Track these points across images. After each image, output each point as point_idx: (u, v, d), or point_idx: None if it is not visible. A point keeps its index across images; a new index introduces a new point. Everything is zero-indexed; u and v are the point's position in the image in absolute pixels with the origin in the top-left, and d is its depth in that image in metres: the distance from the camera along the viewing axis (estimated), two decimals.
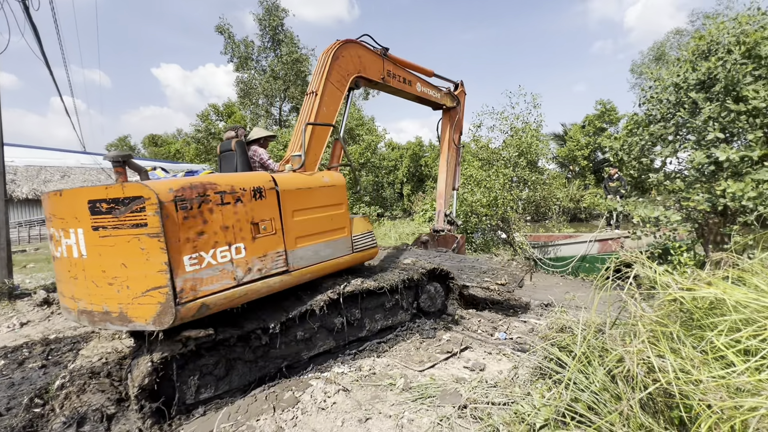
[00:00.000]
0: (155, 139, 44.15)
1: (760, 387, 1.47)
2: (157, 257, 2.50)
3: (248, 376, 3.15)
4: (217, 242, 2.80)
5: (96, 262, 2.62)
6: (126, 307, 2.58)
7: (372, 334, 4.01)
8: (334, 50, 4.32)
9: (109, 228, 2.54)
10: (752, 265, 2.20)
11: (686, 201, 5.45)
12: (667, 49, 26.65)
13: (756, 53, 5.29)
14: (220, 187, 2.86)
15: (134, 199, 2.48)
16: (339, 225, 3.83)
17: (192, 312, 2.63)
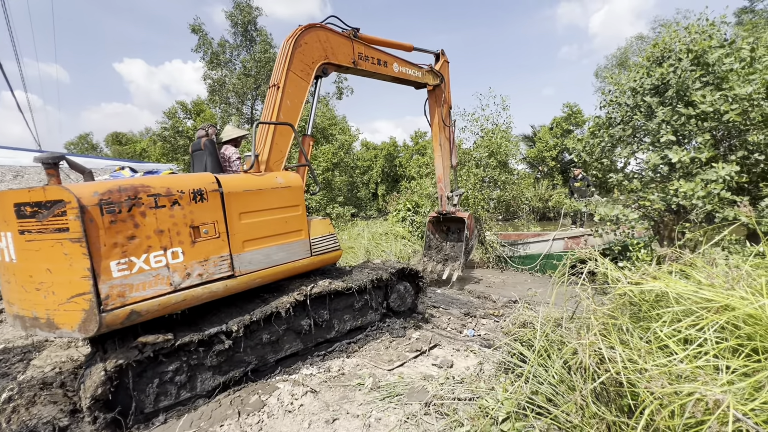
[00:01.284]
0: (119, 137, 42.24)
1: (696, 373, 1.58)
2: (80, 263, 2.44)
3: (212, 382, 3.06)
4: (151, 246, 2.72)
5: (24, 267, 2.58)
6: (53, 313, 2.53)
7: (341, 335, 3.98)
8: (296, 37, 4.04)
9: (34, 232, 2.49)
10: (694, 260, 2.35)
11: (643, 200, 5.75)
12: (630, 55, 27.98)
13: (704, 61, 5.65)
14: (153, 189, 2.78)
15: (56, 202, 2.42)
16: (295, 227, 3.71)
17: (120, 319, 2.56)
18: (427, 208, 11.53)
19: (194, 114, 21.55)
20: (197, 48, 24.11)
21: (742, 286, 1.87)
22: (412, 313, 4.74)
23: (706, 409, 1.45)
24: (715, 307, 1.72)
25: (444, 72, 6.61)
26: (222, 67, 24.73)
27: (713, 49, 5.64)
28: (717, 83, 5.47)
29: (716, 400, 1.40)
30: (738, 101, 5.05)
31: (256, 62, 24.13)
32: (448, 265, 7.06)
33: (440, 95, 6.61)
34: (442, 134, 6.78)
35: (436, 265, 7.18)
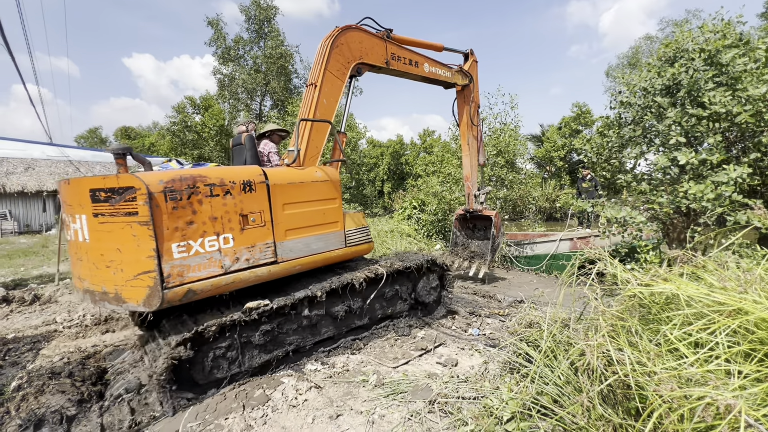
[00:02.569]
0: (128, 131, 42.61)
1: (707, 377, 1.55)
2: (147, 244, 2.68)
3: (258, 360, 3.27)
4: (206, 232, 2.95)
5: (96, 246, 2.84)
6: (120, 288, 2.78)
7: (372, 322, 4.16)
8: (333, 38, 4.20)
9: (107, 215, 2.75)
10: (706, 262, 2.31)
11: (651, 203, 5.67)
12: (640, 55, 27.63)
13: (717, 61, 5.55)
14: (210, 179, 3.01)
15: (127, 189, 2.68)
16: (332, 219, 3.90)
17: (179, 296, 2.79)
18: (434, 206, 11.49)
19: (203, 109, 21.66)
20: (211, 41, 24.24)
21: (755, 290, 1.84)
22: (437, 306, 4.75)
23: (716, 414, 1.43)
24: (728, 311, 1.69)
25: (473, 72, 6.64)
26: (233, 62, 24.85)
27: (727, 48, 5.53)
28: (730, 84, 5.37)
29: (728, 405, 1.37)
30: (752, 102, 4.96)
31: (267, 58, 24.19)
32: (474, 262, 7.11)
33: (469, 95, 6.65)
34: (470, 133, 6.84)
35: (463, 261, 7.22)
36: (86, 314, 4.98)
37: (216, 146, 20.10)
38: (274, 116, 21.14)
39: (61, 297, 5.99)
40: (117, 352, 3.84)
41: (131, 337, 4.20)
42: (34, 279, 7.33)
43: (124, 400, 2.93)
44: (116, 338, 4.23)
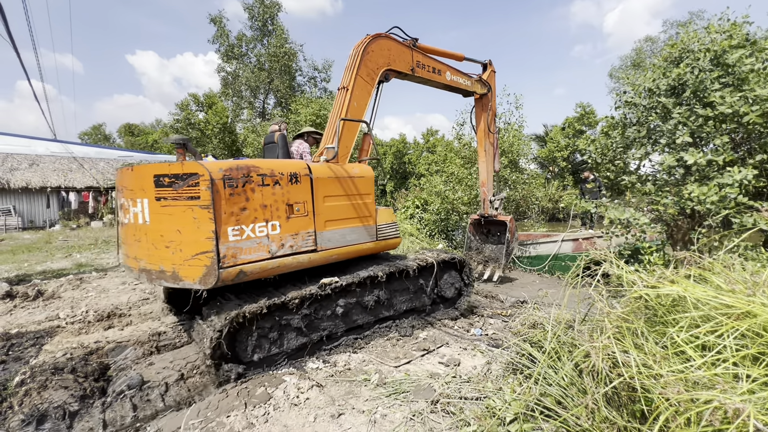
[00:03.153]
0: (132, 128, 42.75)
1: (714, 381, 1.53)
2: (207, 226, 2.91)
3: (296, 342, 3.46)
4: (257, 218, 3.18)
5: (156, 228, 3.05)
6: (178, 267, 2.99)
7: (398, 314, 4.32)
8: (365, 45, 4.46)
9: (169, 199, 2.97)
10: (713, 264, 2.29)
11: (655, 204, 5.64)
12: (642, 56, 27.47)
13: (723, 61, 5.50)
14: (261, 170, 3.25)
15: (191, 175, 2.91)
16: (365, 213, 4.15)
17: (232, 276, 3.01)
18: (437, 206, 11.46)
19: (206, 106, 21.68)
20: (214, 39, 24.25)
21: (763, 293, 1.81)
22: (456, 303, 4.88)
23: (724, 418, 1.41)
24: (736, 314, 1.67)
25: (491, 81, 6.85)
26: (236, 60, 24.85)
27: (733, 49, 5.48)
28: (736, 84, 5.33)
29: (736, 409, 1.36)
30: (759, 102, 4.91)
31: (271, 56, 24.18)
32: (489, 265, 7.23)
33: (487, 103, 6.86)
34: (487, 141, 7.02)
35: (477, 265, 7.34)
36: (89, 310, 5.00)
37: (219, 144, 20.12)
38: (277, 114, 21.15)
39: (64, 293, 6.01)
40: (119, 348, 3.84)
41: (134, 334, 4.20)
42: (37, 274, 7.36)
43: (126, 396, 2.93)
44: (119, 335, 4.23)
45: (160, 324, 4.51)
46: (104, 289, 6.15)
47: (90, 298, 5.67)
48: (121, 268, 7.85)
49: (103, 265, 8.27)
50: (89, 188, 20.20)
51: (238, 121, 24.96)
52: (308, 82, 27.12)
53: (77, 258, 9.25)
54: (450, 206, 11.45)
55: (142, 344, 3.89)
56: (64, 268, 8.03)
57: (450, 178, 12.21)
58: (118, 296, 5.76)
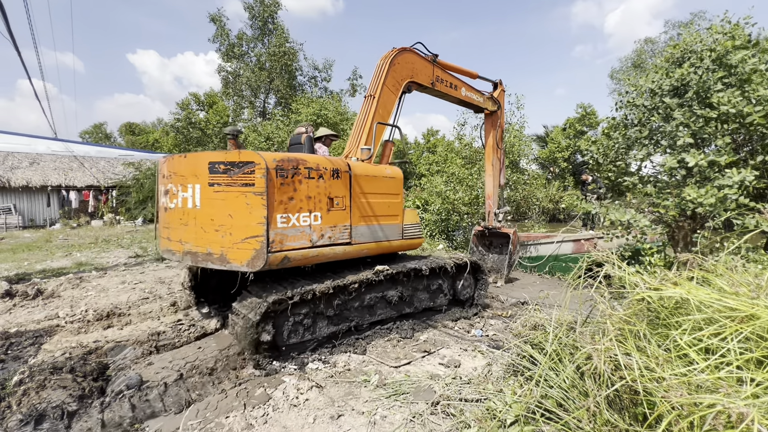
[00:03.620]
0: (132, 127, 42.77)
1: (718, 384, 1.52)
2: (259, 212, 3.07)
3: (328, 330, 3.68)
4: (302, 208, 3.36)
5: (207, 212, 3.22)
6: (227, 250, 3.15)
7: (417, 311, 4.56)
8: (392, 57, 4.75)
9: (223, 185, 3.13)
10: (716, 266, 2.27)
11: (656, 206, 5.61)
12: (643, 57, 27.43)
13: (726, 62, 5.48)
14: (309, 164, 3.45)
15: (247, 163, 3.08)
16: (394, 212, 4.38)
17: (278, 261, 3.17)
18: (437, 206, 11.45)
19: (207, 106, 21.68)
20: (214, 38, 24.24)
21: (767, 295, 1.80)
22: (470, 304, 5.10)
23: (727, 422, 1.39)
24: (740, 317, 1.66)
25: (501, 99, 7.22)
26: (237, 59, 24.84)
27: (736, 50, 5.46)
28: (739, 85, 5.30)
29: (740, 413, 1.34)
30: (762, 103, 4.89)
31: (271, 56, 24.16)
32: (491, 275, 7.45)
33: (496, 120, 7.18)
34: (495, 155, 7.32)
35: None
36: (88, 309, 4.99)
37: (220, 143, 20.11)
38: (278, 114, 21.12)
39: (63, 292, 6.00)
40: (119, 348, 3.83)
41: (133, 334, 4.19)
42: (37, 273, 7.35)
43: (125, 396, 2.92)
44: (118, 334, 4.22)
45: (160, 324, 4.50)
46: (104, 289, 6.14)
47: (89, 298, 5.66)
48: (130, 262, 7.85)
49: (103, 264, 8.26)
50: (90, 187, 20.19)
51: (238, 120, 24.96)
52: (309, 82, 27.11)
53: (77, 257, 9.25)
54: (451, 206, 11.43)
55: (142, 344, 3.88)
56: (64, 267, 8.02)
57: (451, 178, 12.19)
58: (117, 295, 5.75)
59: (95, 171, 21.07)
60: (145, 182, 19.42)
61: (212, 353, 3.68)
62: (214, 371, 3.40)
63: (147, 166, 20.49)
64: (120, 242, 11.95)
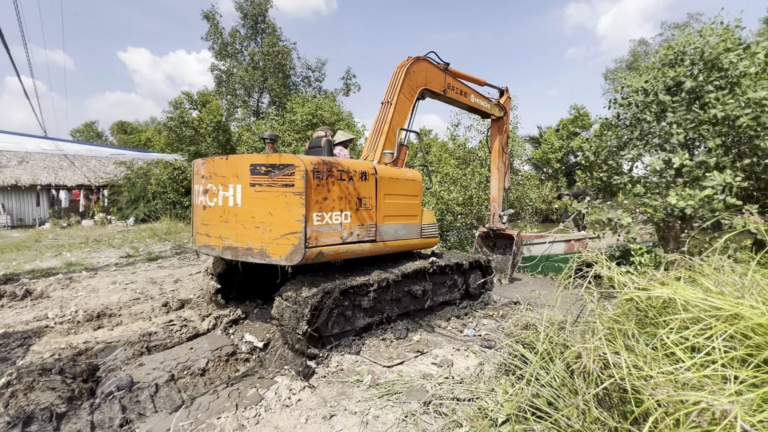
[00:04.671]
0: (124, 126, 42.33)
1: (703, 382, 1.54)
2: (298, 210, 3.31)
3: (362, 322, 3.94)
4: (334, 207, 3.59)
5: (248, 210, 3.48)
6: (267, 245, 3.40)
7: (436, 304, 4.87)
8: (407, 66, 4.97)
9: (264, 185, 3.39)
10: (703, 266, 2.30)
11: (645, 206, 5.68)
12: (637, 59, 27.71)
13: (718, 64, 5.56)
14: (341, 167, 3.68)
15: (287, 166, 3.33)
16: (414, 212, 4.64)
17: (313, 255, 3.40)
18: (431, 206, 11.48)
19: (200, 105, 21.50)
20: (208, 36, 24.05)
21: (751, 295, 1.83)
22: (479, 298, 5.46)
23: (712, 419, 1.42)
24: (725, 316, 1.69)
25: (507, 106, 7.41)
26: (230, 58, 24.66)
27: (727, 52, 5.54)
28: (730, 87, 5.38)
29: (723, 411, 1.36)
30: (751, 106, 4.96)
31: (264, 55, 24.04)
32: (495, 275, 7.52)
33: (502, 126, 7.39)
34: (500, 160, 7.52)
35: None
36: (78, 310, 4.93)
37: (213, 142, 19.96)
38: (272, 113, 21.01)
39: (53, 292, 5.92)
40: (109, 348, 3.79)
41: (124, 334, 4.15)
42: (26, 273, 7.25)
43: (115, 397, 2.90)
44: (109, 335, 4.18)
45: (151, 324, 4.46)
46: (94, 289, 6.07)
47: (80, 298, 5.60)
48: (121, 262, 7.77)
49: (93, 265, 8.17)
50: (80, 186, 19.96)
51: (232, 119, 24.78)
52: (302, 82, 27.00)
53: (67, 257, 9.14)
54: (445, 207, 11.46)
55: (133, 345, 3.85)
56: (54, 267, 7.92)
57: (444, 178, 12.22)
58: (108, 296, 5.69)
59: (86, 170, 20.83)
60: (137, 181, 19.23)
61: (204, 353, 3.66)
62: (206, 372, 3.39)
63: (139, 165, 20.29)
64: (111, 242, 11.83)
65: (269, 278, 4.67)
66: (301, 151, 15.57)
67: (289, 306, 3.39)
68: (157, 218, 17.76)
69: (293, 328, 3.28)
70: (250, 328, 4.36)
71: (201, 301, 5.02)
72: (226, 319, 4.48)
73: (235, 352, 3.75)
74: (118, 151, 26.11)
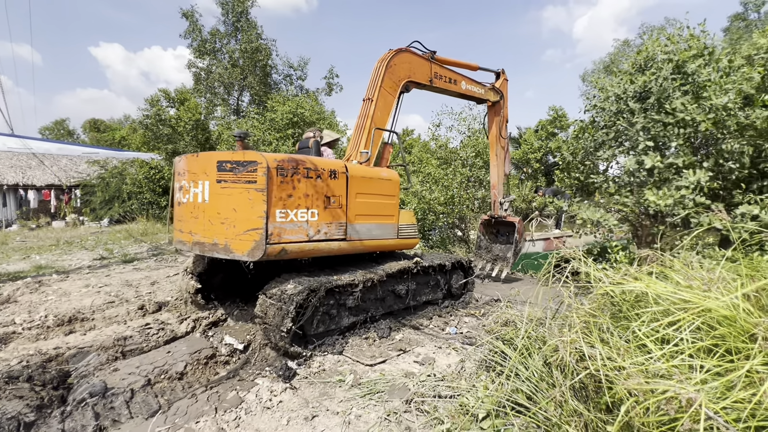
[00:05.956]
0: (97, 123, 40.87)
1: (672, 372, 1.61)
2: (260, 206, 3.33)
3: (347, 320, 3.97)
4: (300, 205, 3.59)
5: (214, 206, 3.52)
6: (230, 241, 3.43)
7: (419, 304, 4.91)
8: (388, 59, 4.80)
9: (229, 182, 3.42)
10: (673, 262, 2.40)
11: (620, 204, 5.88)
12: (617, 60, 28.56)
13: (684, 70, 5.79)
14: (307, 164, 3.68)
15: (251, 162, 3.36)
16: (389, 212, 4.60)
17: (276, 252, 3.40)
18: (413, 206, 11.53)
19: (178, 103, 20.96)
20: (186, 33, 23.45)
21: (717, 288, 1.92)
22: (461, 296, 5.49)
23: (679, 407, 1.48)
24: (692, 308, 1.76)
25: (503, 89, 7.14)
26: (209, 55, 24.14)
27: (693, 59, 5.78)
28: (695, 92, 5.62)
29: (689, 399, 1.43)
30: (714, 111, 5.20)
31: (244, 52, 23.63)
32: (497, 264, 7.51)
33: (499, 110, 7.14)
34: (499, 145, 7.32)
35: (486, 263, 7.61)
36: (48, 315, 4.74)
37: (192, 141, 19.47)
38: (253, 111, 20.64)
39: (21, 297, 5.67)
40: (81, 354, 3.66)
41: (98, 339, 4.01)
42: None
43: (88, 404, 2.80)
44: (81, 340, 4.03)
45: (126, 328, 4.33)
46: (66, 293, 5.84)
47: (50, 302, 5.37)
48: (95, 265, 7.49)
49: (65, 267, 7.86)
50: (50, 186, 19.15)
51: (211, 118, 24.25)
52: (284, 80, 26.66)
53: (36, 260, 8.76)
54: (426, 206, 11.53)
55: (107, 349, 3.72)
56: (22, 270, 7.58)
57: (426, 178, 12.29)
58: (81, 299, 5.48)
59: (56, 169, 20.02)
60: (112, 181, 18.59)
61: (182, 357, 3.58)
62: (184, 375, 3.31)
63: (113, 164, 19.62)
64: (84, 244, 11.40)
65: (250, 278, 4.60)
66: (282, 151, 15.38)
67: (274, 304, 3.37)
68: (133, 219, 17.22)
69: (277, 326, 3.25)
70: (230, 329, 4.28)
71: (179, 303, 4.90)
72: (206, 321, 4.39)
73: (215, 354, 3.68)
74: (90, 149, 25.19)
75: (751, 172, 5.44)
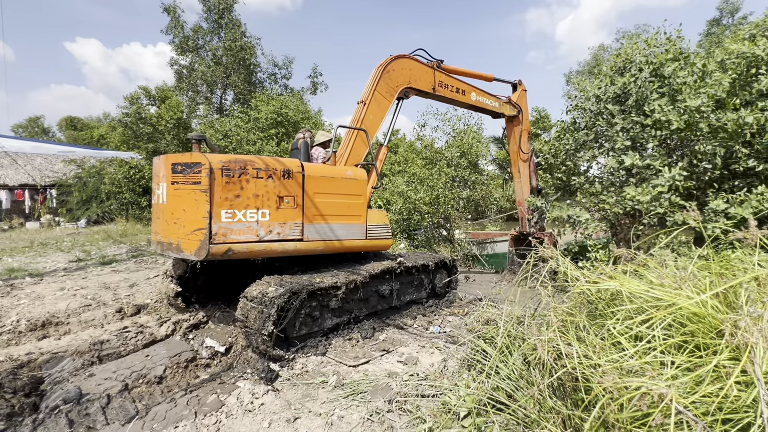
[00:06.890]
0: (74, 121, 39.63)
1: (644, 368, 1.65)
2: (203, 207, 3.37)
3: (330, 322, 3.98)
4: (248, 205, 3.59)
5: (170, 207, 3.60)
6: (181, 240, 3.51)
7: (402, 304, 4.92)
8: (386, 65, 4.86)
9: (180, 183, 3.51)
10: (647, 260, 2.46)
11: (602, 203, 6.01)
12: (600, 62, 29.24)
13: (661, 73, 5.96)
14: (257, 165, 3.67)
15: (196, 164, 3.43)
16: (355, 212, 4.50)
17: (221, 251, 3.43)
18: (399, 206, 11.56)
19: (159, 100, 20.49)
20: (168, 30, 22.94)
21: (688, 286, 1.98)
22: (445, 295, 5.51)
23: (651, 403, 1.52)
24: (664, 306, 1.81)
25: (521, 102, 6.99)
26: (191, 53, 23.67)
27: (669, 62, 5.96)
28: (672, 94, 5.79)
29: (660, 394, 1.47)
30: (689, 113, 5.37)
31: (227, 50, 23.27)
32: None
33: (518, 124, 7.00)
34: (520, 161, 7.20)
35: None
36: (20, 319, 4.57)
37: (173, 140, 19.05)
38: (237, 110, 20.32)
39: None
40: (55, 359, 3.54)
41: (73, 343, 3.89)
42: None
43: (61, 411, 2.71)
44: (55, 345, 3.90)
45: (103, 332, 4.21)
46: (39, 296, 5.65)
47: (22, 306, 5.19)
48: (71, 267, 7.25)
49: (38, 270, 7.60)
50: (24, 186, 18.48)
51: (194, 116, 23.79)
52: (268, 79, 26.34)
53: (8, 262, 8.44)
54: (412, 206, 11.57)
55: (82, 354, 3.62)
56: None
57: (412, 178, 12.33)
58: (55, 303, 5.31)
59: (30, 168, 19.33)
60: (89, 181, 18.06)
61: (162, 360, 3.50)
62: (163, 379, 3.24)
63: (91, 163, 19.06)
64: (60, 245, 11.04)
65: (232, 280, 4.54)
66: (266, 151, 15.21)
67: (255, 307, 3.33)
68: (112, 219, 16.77)
69: (259, 330, 3.22)
70: (211, 332, 4.21)
71: (159, 305, 4.80)
72: (186, 324, 4.31)
73: (195, 357, 3.62)
74: (67, 148, 24.40)
75: (723, 172, 5.64)
